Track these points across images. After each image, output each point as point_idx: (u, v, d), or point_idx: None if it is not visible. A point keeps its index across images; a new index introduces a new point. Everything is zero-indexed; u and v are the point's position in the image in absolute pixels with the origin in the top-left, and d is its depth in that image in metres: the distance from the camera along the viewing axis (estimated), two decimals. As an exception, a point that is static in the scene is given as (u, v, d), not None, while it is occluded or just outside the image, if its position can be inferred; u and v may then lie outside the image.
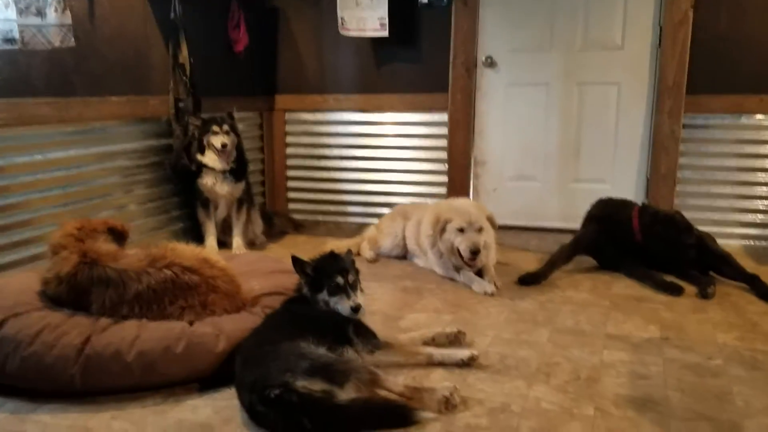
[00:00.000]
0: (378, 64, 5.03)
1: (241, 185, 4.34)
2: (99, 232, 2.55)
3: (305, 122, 5.33)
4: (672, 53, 4.36)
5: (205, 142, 4.15)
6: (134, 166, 4.01)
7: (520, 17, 4.72)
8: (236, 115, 4.30)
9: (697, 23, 4.31)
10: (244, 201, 4.41)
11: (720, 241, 4.04)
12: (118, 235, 2.65)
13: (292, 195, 5.50)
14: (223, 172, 4.21)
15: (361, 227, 4.67)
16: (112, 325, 2.37)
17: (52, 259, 2.52)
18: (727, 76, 4.33)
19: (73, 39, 3.32)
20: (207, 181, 4.20)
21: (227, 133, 4.16)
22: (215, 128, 4.13)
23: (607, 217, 3.91)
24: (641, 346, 2.71)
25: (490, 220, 3.68)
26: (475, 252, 3.48)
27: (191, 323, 2.42)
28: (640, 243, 3.71)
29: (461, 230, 3.54)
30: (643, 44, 4.51)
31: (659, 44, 4.42)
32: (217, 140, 4.11)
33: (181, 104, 4.15)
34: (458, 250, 3.55)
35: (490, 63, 4.81)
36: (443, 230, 3.61)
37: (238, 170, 4.29)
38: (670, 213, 3.78)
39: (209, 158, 4.16)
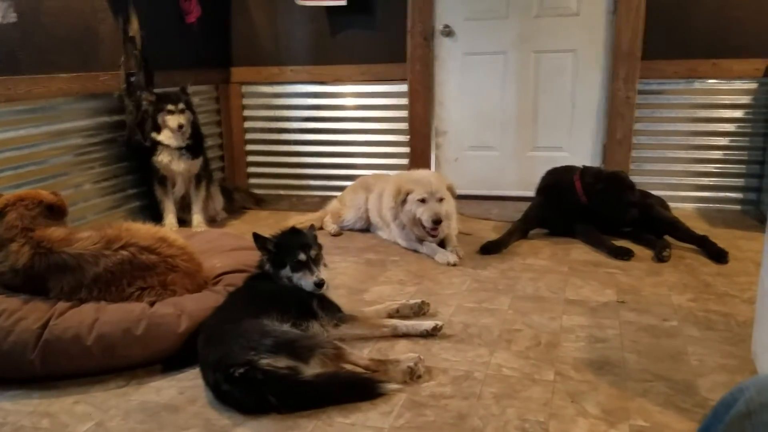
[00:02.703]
0: (335, 34, 4.96)
1: (199, 161, 4.26)
2: (40, 216, 2.47)
3: (262, 95, 5.25)
4: (627, 19, 4.40)
5: (159, 121, 4.05)
6: (87, 144, 3.92)
7: (476, -16, 4.70)
8: (190, 89, 4.21)
9: (651, -11, 4.36)
10: (203, 177, 4.34)
11: (674, 205, 4.17)
12: (59, 212, 2.57)
13: (252, 170, 5.44)
14: (179, 149, 4.12)
15: (324, 200, 4.65)
16: (70, 309, 2.32)
17: (1, 252, 2.44)
18: (680, 41, 4.39)
19: (14, 14, 3.19)
20: (162, 158, 4.11)
21: (183, 111, 4.06)
22: (170, 107, 4.02)
23: (552, 186, 3.97)
24: (599, 310, 2.78)
25: (450, 189, 3.70)
26: (437, 222, 3.50)
27: (152, 304, 2.39)
28: (586, 205, 3.78)
29: (422, 201, 3.54)
30: (598, 10, 4.53)
31: (614, 10, 4.45)
32: (173, 121, 4.02)
33: (132, 79, 4.04)
34: (420, 221, 3.57)
35: (448, 32, 4.78)
36: (404, 202, 3.61)
37: (194, 146, 4.20)
38: (612, 171, 3.85)
39: (164, 136, 4.07)
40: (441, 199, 3.56)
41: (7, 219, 2.45)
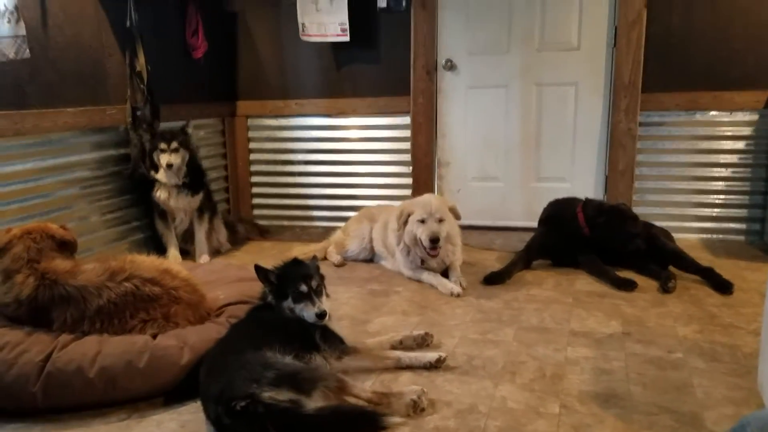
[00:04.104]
0: (339, 68, 5.03)
1: (198, 197, 4.25)
2: (48, 249, 2.49)
3: (268, 128, 5.31)
4: (627, 52, 4.45)
5: (155, 159, 4.06)
6: (93, 177, 3.94)
7: (478, 20, 4.76)
8: (196, 122, 4.25)
9: (651, 22, 4.41)
10: (205, 210, 4.34)
11: (678, 236, 4.16)
12: (69, 246, 2.59)
13: (256, 201, 5.47)
14: (177, 186, 4.13)
15: (328, 231, 4.66)
16: (73, 341, 2.32)
17: (5, 284, 2.45)
18: (681, 74, 4.44)
19: (27, 50, 3.25)
20: (161, 194, 4.12)
21: (175, 150, 4.03)
22: (162, 146, 4.02)
23: (554, 217, 3.99)
24: (604, 342, 2.76)
25: (453, 211, 3.71)
26: (434, 240, 3.52)
27: (154, 336, 2.39)
28: (588, 237, 3.78)
29: (422, 221, 3.57)
30: (598, 44, 4.59)
31: (614, 44, 4.51)
32: (163, 159, 4.02)
33: (138, 113, 4.08)
34: (420, 241, 3.59)
35: (450, 66, 4.85)
36: (406, 223, 3.65)
37: (192, 183, 4.19)
38: (614, 204, 3.87)
39: (160, 174, 4.07)
40: (441, 220, 3.58)
41: (14, 251, 2.47)
